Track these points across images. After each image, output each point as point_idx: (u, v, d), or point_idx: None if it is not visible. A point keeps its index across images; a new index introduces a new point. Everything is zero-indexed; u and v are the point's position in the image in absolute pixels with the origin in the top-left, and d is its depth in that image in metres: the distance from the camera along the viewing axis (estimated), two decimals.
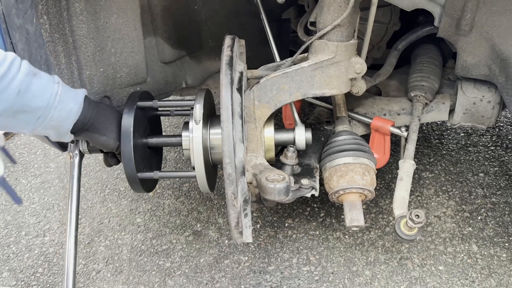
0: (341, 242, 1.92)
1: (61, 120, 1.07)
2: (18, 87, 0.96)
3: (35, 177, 2.50)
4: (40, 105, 1.01)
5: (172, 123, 2.93)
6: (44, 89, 1.03)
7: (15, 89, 0.95)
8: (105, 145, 1.21)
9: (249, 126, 1.27)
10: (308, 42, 1.25)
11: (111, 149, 1.23)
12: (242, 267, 1.84)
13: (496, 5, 1.35)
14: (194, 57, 1.80)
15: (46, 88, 1.03)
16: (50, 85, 1.04)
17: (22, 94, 0.97)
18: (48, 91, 1.03)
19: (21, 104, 0.97)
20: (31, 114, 1.01)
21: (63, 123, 1.08)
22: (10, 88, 0.95)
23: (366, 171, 1.39)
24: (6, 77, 0.94)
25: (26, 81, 0.98)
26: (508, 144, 2.51)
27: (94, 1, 1.34)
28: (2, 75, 0.93)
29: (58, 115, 1.05)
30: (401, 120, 1.72)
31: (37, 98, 1.01)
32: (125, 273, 1.85)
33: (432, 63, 1.76)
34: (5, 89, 0.94)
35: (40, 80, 1.02)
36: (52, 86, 1.05)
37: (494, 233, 1.92)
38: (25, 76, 0.98)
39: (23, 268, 1.91)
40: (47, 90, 1.03)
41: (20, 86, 0.96)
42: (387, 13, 1.77)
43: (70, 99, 1.09)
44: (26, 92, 0.98)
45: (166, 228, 2.06)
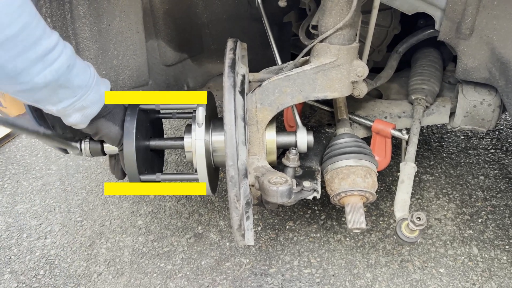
0: (342, 244, 1.93)
1: (94, 102, 1.10)
2: (67, 61, 0.99)
3: (36, 179, 2.50)
4: (80, 84, 1.05)
5: (173, 126, 2.94)
6: (84, 70, 1.06)
7: (65, 62, 0.98)
8: (115, 135, 1.21)
9: (251, 128, 1.27)
10: (310, 45, 1.26)
11: (117, 141, 1.22)
12: (243, 270, 1.84)
13: (496, 9, 1.36)
14: (195, 60, 1.81)
15: (86, 69, 1.07)
16: (87, 68, 1.08)
17: (70, 69, 1.00)
18: (87, 72, 1.07)
19: (66, 79, 1.00)
20: (71, 91, 1.03)
21: (93, 105, 1.11)
22: (61, 60, 0.97)
23: (368, 174, 1.39)
24: (58, 48, 0.97)
25: (73, 58, 1.02)
26: (508, 147, 2.52)
27: (97, 4, 1.35)
28: (54, 45, 0.96)
29: (92, 97, 1.09)
30: (402, 123, 1.72)
31: (79, 77, 1.04)
32: (127, 275, 1.85)
33: (433, 66, 1.76)
34: (56, 59, 0.96)
35: (81, 61, 1.06)
36: (89, 69, 1.09)
37: (494, 235, 1.93)
38: (73, 52, 1.02)
39: (24, 270, 1.91)
40: (86, 71, 1.07)
41: (69, 61, 0.99)
42: (387, 16, 1.78)
43: (102, 84, 1.13)
44: (73, 68, 1.01)
45: (168, 230, 2.07)
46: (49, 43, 0.95)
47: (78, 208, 2.25)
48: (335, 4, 1.18)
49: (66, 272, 1.88)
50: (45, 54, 0.94)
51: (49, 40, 0.95)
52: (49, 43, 0.95)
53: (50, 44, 0.95)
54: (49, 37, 0.95)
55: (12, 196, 2.37)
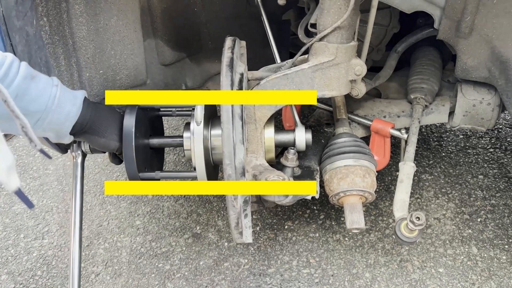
0: (341, 244, 1.92)
1: (60, 123, 1.06)
2: (15, 91, 0.94)
3: (33, 179, 2.49)
4: (38, 109, 1.00)
5: (171, 125, 2.93)
6: (42, 93, 1.01)
7: (12, 93, 0.93)
8: (105, 146, 1.21)
9: (250, 127, 1.27)
10: (308, 44, 1.25)
11: (112, 150, 1.23)
12: (242, 270, 1.83)
13: (496, 8, 1.35)
14: (194, 59, 1.80)
15: (44, 91, 1.02)
16: (48, 88, 1.03)
17: (20, 98, 0.95)
18: (46, 94, 1.02)
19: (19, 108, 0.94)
20: (29, 118, 0.98)
21: (61, 125, 1.07)
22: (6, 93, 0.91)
23: (367, 173, 1.39)
24: (3, 80, 0.92)
25: (24, 84, 0.96)
26: (507, 146, 2.51)
27: (94, 3, 1.34)
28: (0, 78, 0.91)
29: (56, 118, 1.04)
30: (401, 122, 1.72)
31: (35, 102, 0.99)
32: (125, 275, 1.84)
33: (432, 66, 1.76)
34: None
35: (38, 83, 1.00)
36: (50, 89, 1.03)
37: (493, 235, 1.92)
38: (23, 80, 0.96)
39: (21, 271, 1.90)
40: (45, 93, 1.01)
41: (18, 90, 0.94)
42: (386, 15, 1.77)
43: (68, 102, 1.08)
44: (24, 95, 0.96)
45: (166, 230, 2.06)
46: None
47: None
48: (333, 2, 1.17)
49: (64, 273, 1.87)
50: None
51: None
52: None
53: None
54: None
55: (9, 196, 2.36)
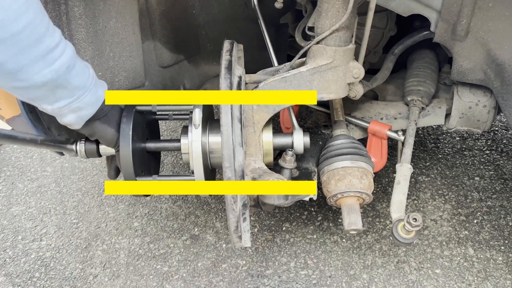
0: (338, 245, 1.93)
1: (90, 104, 1.09)
2: (68, 61, 0.98)
3: (31, 181, 2.49)
4: (79, 85, 1.04)
5: (169, 127, 2.93)
6: (83, 71, 1.05)
7: (65, 63, 0.97)
8: (111, 138, 1.21)
9: (248, 130, 1.27)
10: (307, 47, 1.26)
11: (113, 143, 1.22)
12: (240, 271, 1.84)
13: (492, 11, 1.37)
14: (192, 61, 1.81)
15: (85, 70, 1.06)
16: (87, 69, 1.07)
17: (69, 70, 0.99)
18: (86, 74, 1.06)
19: (65, 80, 0.99)
20: (68, 92, 1.02)
21: (89, 107, 1.10)
22: (62, 60, 0.96)
23: (364, 175, 1.40)
24: (60, 47, 0.95)
25: (74, 58, 1.00)
26: (503, 148, 2.53)
27: (93, 5, 1.34)
28: (56, 44, 0.94)
29: (89, 99, 1.08)
30: (398, 124, 1.73)
31: (78, 77, 1.03)
32: (123, 277, 1.84)
33: (428, 68, 1.77)
34: (57, 60, 0.95)
35: (80, 62, 1.05)
36: (88, 70, 1.08)
37: (490, 236, 1.94)
38: (74, 53, 1.01)
39: (19, 273, 1.89)
40: (85, 72, 1.06)
41: (70, 61, 0.98)
42: (383, 18, 1.78)
43: (100, 86, 1.13)
44: (73, 68, 1.00)
45: (164, 232, 2.06)
46: (51, 41, 0.93)
47: (74, 210, 2.24)
48: (331, 5, 1.18)
49: (62, 275, 1.87)
50: (47, 53, 0.93)
51: (52, 38, 0.93)
52: (52, 42, 0.93)
53: (53, 43, 0.93)
54: (52, 35, 0.94)
55: (7, 198, 2.35)
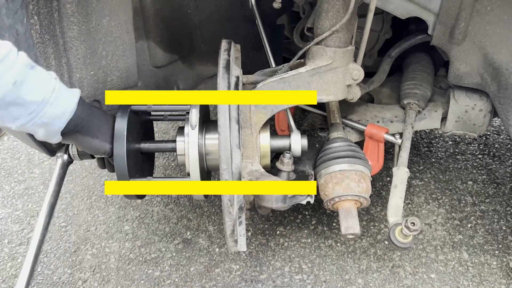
0: (333, 250, 1.91)
1: (55, 118, 1.02)
2: (14, 77, 0.91)
3: (18, 183, 2.43)
4: (34, 100, 0.96)
5: (160, 129, 2.89)
6: (41, 84, 0.97)
7: (11, 79, 0.90)
8: (97, 148, 1.17)
9: (245, 131, 1.25)
10: (306, 48, 1.24)
11: (103, 153, 1.19)
12: (234, 276, 1.80)
13: (490, 15, 1.37)
14: (186, 61, 1.78)
15: (43, 83, 0.98)
16: (47, 80, 0.99)
17: (18, 86, 0.92)
18: (45, 86, 0.98)
19: (15, 96, 0.92)
20: (24, 108, 0.95)
21: (55, 121, 1.03)
22: (6, 77, 0.89)
23: (362, 178, 1.38)
24: (2, 64, 0.89)
25: (24, 72, 0.93)
26: (495, 152, 2.54)
27: (86, 2, 1.31)
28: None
29: (52, 113, 1.00)
30: (394, 128, 1.72)
31: (32, 92, 0.95)
32: (113, 282, 1.80)
33: (424, 71, 1.77)
34: (0, 77, 0.89)
35: (37, 74, 0.97)
36: (49, 81, 1.00)
37: (484, 240, 1.93)
38: (23, 67, 0.93)
39: (5, 278, 1.83)
40: (43, 85, 0.98)
41: (17, 77, 0.91)
42: (379, 21, 1.78)
43: (66, 97, 1.04)
44: (22, 84, 0.93)
45: (155, 236, 2.02)
46: None
47: (63, 213, 2.18)
48: (331, 6, 1.17)
49: (50, 280, 1.82)
50: None
51: None
52: None
53: None
54: None
55: None
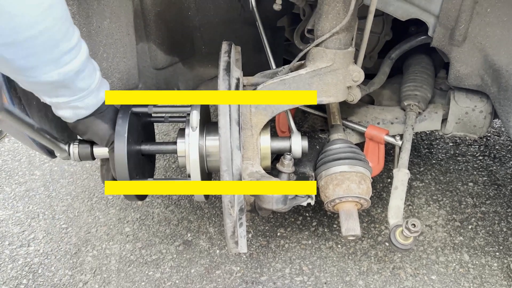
0: (333, 251, 1.91)
1: (90, 105, 1.08)
2: (78, 66, 0.96)
3: (19, 185, 2.43)
4: (83, 87, 1.02)
5: (161, 131, 2.89)
6: (91, 74, 1.03)
7: (75, 67, 0.95)
8: (103, 134, 1.18)
9: (246, 133, 1.25)
10: (306, 49, 1.24)
11: (105, 140, 1.18)
12: (234, 278, 1.80)
13: (489, 16, 1.37)
14: (186, 63, 1.78)
15: (92, 73, 1.04)
16: (94, 72, 1.05)
17: (78, 74, 0.97)
18: (93, 77, 1.04)
19: (71, 81, 0.97)
20: (71, 92, 1.01)
21: (88, 108, 1.09)
22: (73, 64, 0.94)
23: (362, 180, 1.38)
24: (73, 52, 0.94)
25: (85, 62, 0.99)
26: (496, 154, 2.54)
27: (86, 4, 1.31)
28: (71, 48, 0.92)
29: (90, 100, 1.07)
30: (394, 129, 1.72)
31: (84, 81, 1.01)
32: (114, 284, 1.80)
33: (425, 73, 1.77)
34: (68, 63, 0.93)
35: (91, 65, 1.03)
36: (96, 73, 1.06)
37: (485, 242, 1.93)
38: (86, 57, 0.99)
39: (6, 280, 1.83)
40: (92, 75, 1.04)
41: (80, 66, 0.97)
42: (379, 23, 1.78)
43: (103, 88, 1.11)
44: (82, 72, 0.98)
45: (156, 237, 2.02)
46: (66, 46, 0.92)
47: (63, 214, 2.18)
48: (331, 8, 1.17)
49: (50, 281, 1.82)
50: (59, 57, 0.91)
51: (68, 43, 0.92)
52: (67, 46, 0.92)
53: (67, 47, 0.92)
54: (69, 40, 0.92)
55: None
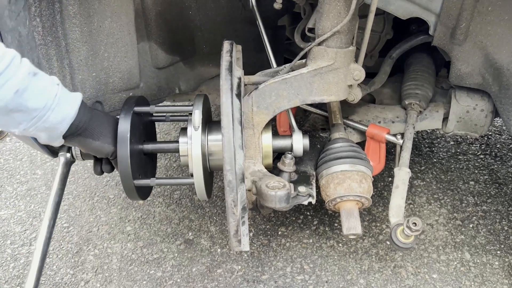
0: (335, 250, 1.91)
1: (57, 123, 1.03)
2: (16, 86, 0.92)
3: (21, 184, 2.43)
4: (37, 106, 0.98)
5: (162, 130, 2.90)
6: (43, 90, 0.99)
7: (13, 88, 0.92)
8: (99, 150, 1.18)
9: (247, 132, 1.25)
10: (307, 48, 1.24)
11: (105, 155, 1.19)
12: (236, 276, 1.81)
13: (491, 15, 1.37)
14: (187, 63, 1.78)
15: (45, 89, 1.00)
16: (49, 87, 1.01)
17: (20, 94, 0.93)
18: (47, 93, 1.00)
19: (17, 104, 0.94)
20: (26, 114, 0.97)
21: (58, 126, 1.04)
22: (8, 86, 0.91)
23: (363, 179, 1.38)
24: (4, 74, 0.90)
25: (26, 80, 0.95)
26: (497, 152, 2.54)
27: (88, 4, 1.31)
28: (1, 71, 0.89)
29: (54, 118, 1.02)
30: (395, 128, 1.72)
31: (35, 99, 0.97)
32: (115, 283, 1.80)
33: (426, 72, 1.77)
34: (1, 87, 0.90)
35: (39, 81, 0.99)
36: (51, 88, 1.02)
37: (486, 241, 1.93)
38: (25, 75, 0.95)
39: (8, 279, 1.84)
40: (45, 91, 1.00)
41: (19, 85, 0.93)
42: (380, 22, 1.78)
43: (67, 103, 1.06)
44: (24, 92, 0.94)
45: (157, 236, 2.02)
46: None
47: (65, 213, 2.18)
48: (332, 7, 1.17)
49: (52, 280, 1.82)
50: None
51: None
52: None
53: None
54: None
55: None
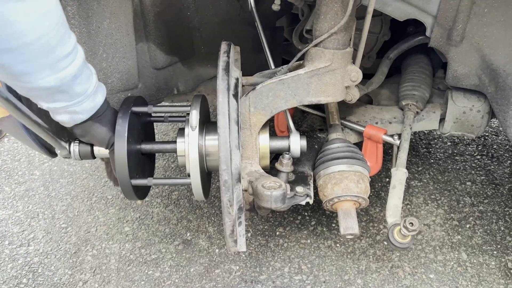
0: (332, 250, 1.92)
1: (88, 109, 1.09)
2: (75, 71, 0.97)
3: (19, 185, 2.43)
4: (80, 92, 1.03)
5: (160, 130, 2.90)
6: (88, 79, 1.04)
7: (72, 72, 0.96)
8: (102, 137, 1.18)
9: (244, 133, 1.26)
10: (305, 50, 1.25)
11: (105, 143, 1.19)
12: (233, 277, 1.81)
13: (487, 16, 1.38)
14: (186, 63, 1.79)
15: (89, 77, 1.05)
16: (92, 75, 1.06)
17: (75, 79, 0.98)
18: (90, 81, 1.05)
19: (68, 86, 0.98)
20: (68, 97, 1.02)
21: (85, 112, 1.10)
22: (69, 70, 0.95)
23: (361, 179, 1.39)
24: (70, 57, 0.94)
25: (82, 67, 0.99)
26: (494, 153, 2.55)
27: (86, 5, 1.32)
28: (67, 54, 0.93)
29: (87, 105, 1.07)
30: (393, 129, 1.73)
31: (81, 85, 1.02)
32: (113, 283, 1.80)
33: (423, 73, 1.78)
34: (64, 69, 0.94)
35: (87, 69, 1.04)
36: (93, 77, 1.07)
37: (482, 241, 1.94)
38: (83, 62, 1.00)
39: (6, 279, 1.84)
40: (90, 79, 1.05)
41: (77, 71, 0.97)
42: (377, 23, 1.79)
43: (100, 92, 1.12)
44: (78, 77, 0.99)
45: (155, 237, 2.03)
46: (63, 51, 0.92)
47: (63, 214, 2.19)
48: (330, 8, 1.18)
49: (50, 281, 1.83)
50: (56, 62, 0.92)
51: (64, 48, 0.93)
52: (63, 51, 0.93)
53: (64, 53, 0.93)
54: (65, 44, 0.93)
55: None
